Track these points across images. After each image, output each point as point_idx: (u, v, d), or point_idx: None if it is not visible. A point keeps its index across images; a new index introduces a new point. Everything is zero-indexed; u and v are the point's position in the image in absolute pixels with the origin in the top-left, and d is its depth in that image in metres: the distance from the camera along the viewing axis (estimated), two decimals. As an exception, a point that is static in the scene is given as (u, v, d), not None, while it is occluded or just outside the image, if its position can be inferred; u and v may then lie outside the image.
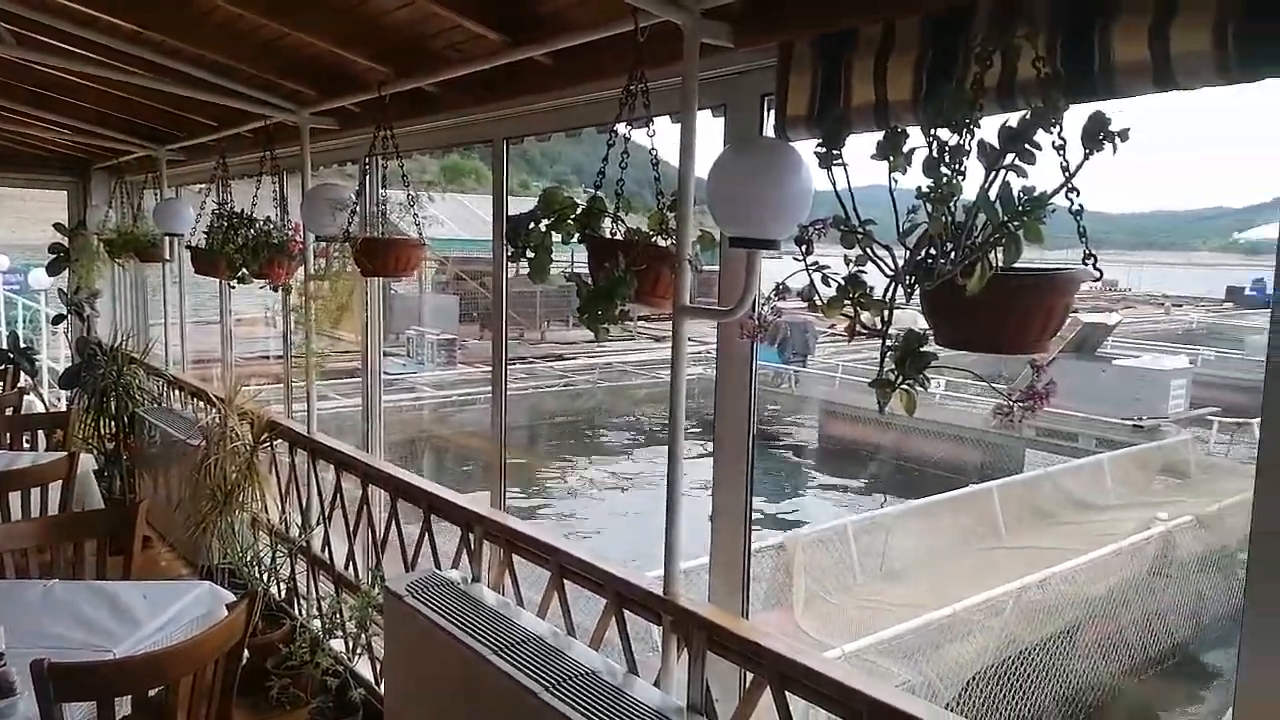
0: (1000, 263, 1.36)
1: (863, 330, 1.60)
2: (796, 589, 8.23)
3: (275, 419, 4.54)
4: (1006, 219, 1.34)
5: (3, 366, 7.10)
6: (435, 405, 17.58)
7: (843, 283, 1.58)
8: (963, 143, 1.45)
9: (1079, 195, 1.40)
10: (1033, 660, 7.94)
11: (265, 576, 4.35)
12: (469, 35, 2.85)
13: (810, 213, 1.90)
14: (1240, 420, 14.08)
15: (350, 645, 3.88)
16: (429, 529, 3.44)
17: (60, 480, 4.05)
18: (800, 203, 1.93)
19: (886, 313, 1.57)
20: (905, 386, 1.54)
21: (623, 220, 2.43)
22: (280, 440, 4.53)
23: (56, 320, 8.20)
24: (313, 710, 3.67)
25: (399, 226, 3.59)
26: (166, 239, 5.79)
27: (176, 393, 6.32)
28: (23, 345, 7.43)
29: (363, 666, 3.80)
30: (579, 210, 2.44)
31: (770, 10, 2.15)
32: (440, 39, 3.02)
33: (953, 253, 1.41)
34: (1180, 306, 35.50)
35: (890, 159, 1.54)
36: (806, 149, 1.94)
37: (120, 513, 3.63)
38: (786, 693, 2.11)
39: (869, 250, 1.54)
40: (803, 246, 1.72)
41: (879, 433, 16.49)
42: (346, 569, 4.02)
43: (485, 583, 3.12)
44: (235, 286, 4.65)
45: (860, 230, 1.53)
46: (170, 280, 6.63)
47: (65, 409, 6.67)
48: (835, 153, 1.66)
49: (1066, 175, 1.37)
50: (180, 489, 4.88)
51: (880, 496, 15.07)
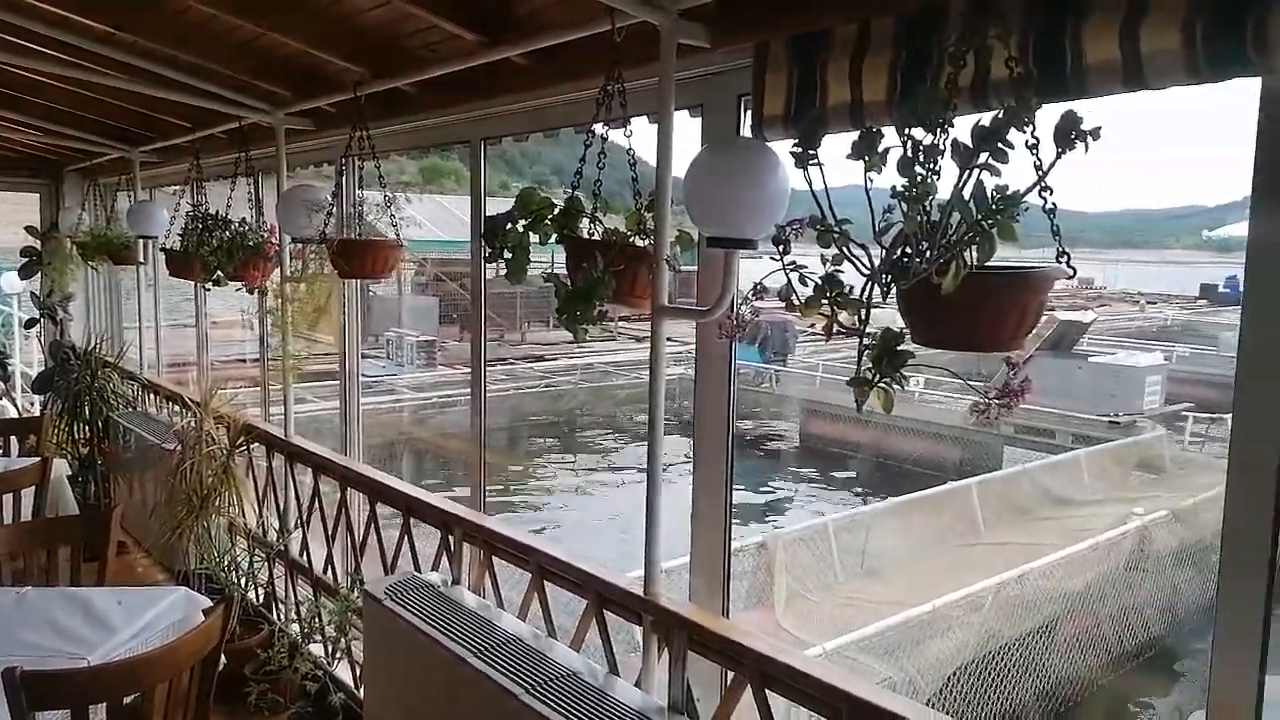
0: (974, 261, 1.37)
1: (841, 329, 1.61)
2: (778, 587, 8.26)
3: (252, 422, 4.51)
4: (980, 217, 1.35)
5: (-26, 371, 7.00)
6: (415, 407, 17.50)
7: (820, 282, 1.59)
8: (937, 142, 1.46)
9: (1052, 194, 1.41)
10: (1012, 655, 8.01)
11: (243, 581, 4.31)
12: (444, 35, 2.83)
13: (788, 213, 1.91)
14: (1214, 415, 14.27)
15: (329, 649, 3.85)
16: (408, 531, 3.42)
17: (33, 486, 4.01)
18: (777, 203, 1.93)
19: (863, 312, 1.58)
20: (883, 385, 1.54)
21: (601, 221, 2.43)
22: (257, 444, 4.49)
23: (29, 324, 8.08)
24: (292, 715, 3.65)
25: (376, 228, 3.56)
26: (140, 241, 5.73)
27: (151, 396, 6.25)
28: (-5, 350, 7.33)
29: (342, 671, 3.77)
30: (556, 211, 2.43)
31: (746, 11, 2.15)
32: (416, 39, 3.00)
33: (928, 251, 1.42)
34: (1155, 304, 35.91)
35: (865, 159, 1.55)
36: (783, 149, 1.95)
37: (94, 518, 3.60)
38: (767, 691, 2.11)
39: (845, 249, 1.54)
40: (780, 246, 1.72)
41: (859, 431, 16.57)
42: (325, 573, 3.99)
43: (465, 585, 3.11)
44: (210, 289, 4.60)
45: (836, 230, 1.53)
46: (145, 283, 6.56)
47: (38, 414, 6.57)
48: (811, 153, 1.66)
49: (1039, 174, 1.38)
50: (156, 494, 4.83)
51: (862, 493, 15.17)
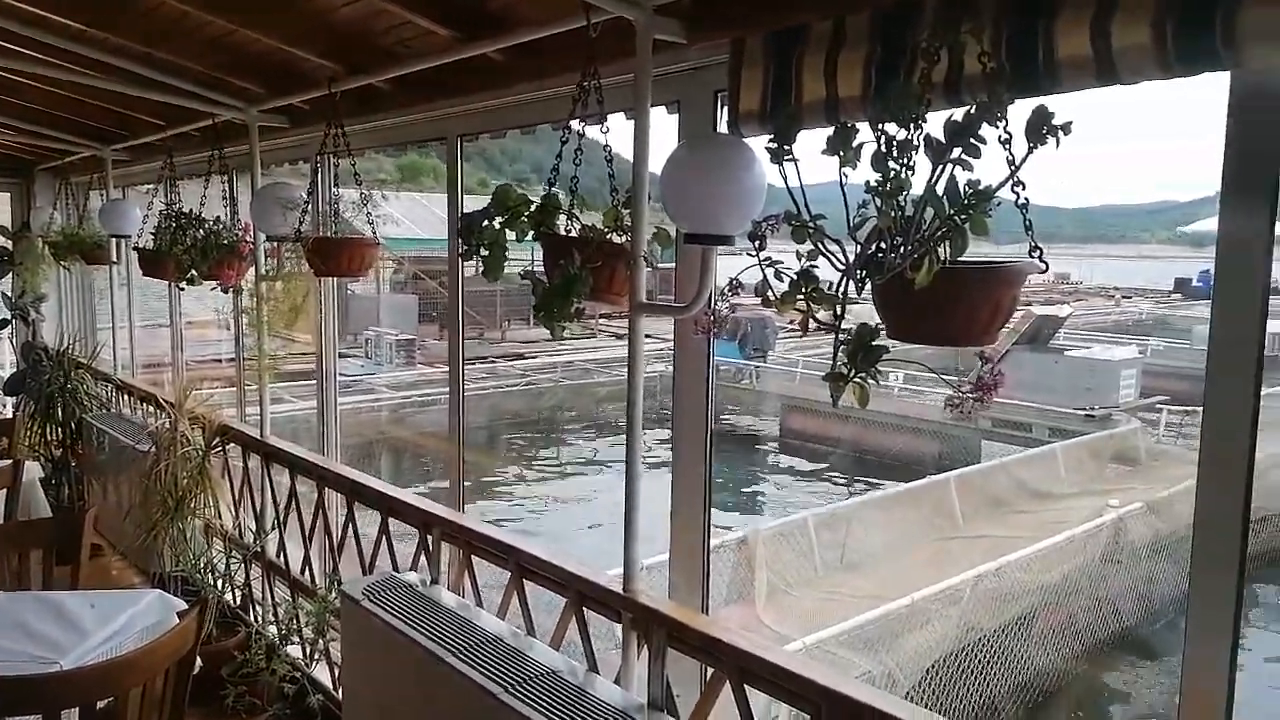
0: (948, 256, 1.37)
1: (818, 325, 1.61)
2: (758, 583, 8.29)
3: (228, 423, 4.46)
4: (952, 213, 1.35)
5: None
6: (394, 406, 17.42)
7: (795, 277, 1.59)
8: (911, 138, 1.47)
9: (1025, 189, 1.41)
10: (990, 647, 8.08)
11: (219, 583, 4.28)
12: (419, 31, 2.81)
13: (765, 209, 1.91)
14: (1189, 408, 14.44)
15: (307, 651, 3.82)
16: (386, 531, 3.40)
17: (5, 489, 3.95)
18: (754, 198, 1.93)
19: (839, 307, 1.58)
20: (858, 380, 1.55)
21: (578, 218, 2.42)
22: (233, 444, 4.45)
23: (0, 325, 7.98)
24: (269, 717, 3.62)
25: (353, 225, 3.54)
26: (113, 241, 5.66)
27: (126, 397, 6.17)
28: (-36, 351, 7.23)
29: (320, 672, 3.75)
30: (533, 208, 2.42)
31: (722, 6, 2.15)
32: (390, 35, 2.98)
33: (902, 247, 1.42)
34: (1130, 298, 36.31)
35: (840, 154, 1.55)
36: (760, 145, 1.94)
37: (67, 521, 3.56)
38: (746, 687, 2.12)
39: (820, 245, 1.54)
40: (756, 242, 1.72)
41: (839, 426, 16.66)
42: (302, 574, 3.96)
43: (444, 584, 3.09)
44: (185, 288, 4.55)
45: (811, 225, 1.53)
46: (118, 283, 6.48)
47: (10, 416, 6.48)
48: (786, 148, 1.67)
49: (1012, 169, 1.38)
50: (131, 496, 4.78)
51: (842, 481, 15.24)
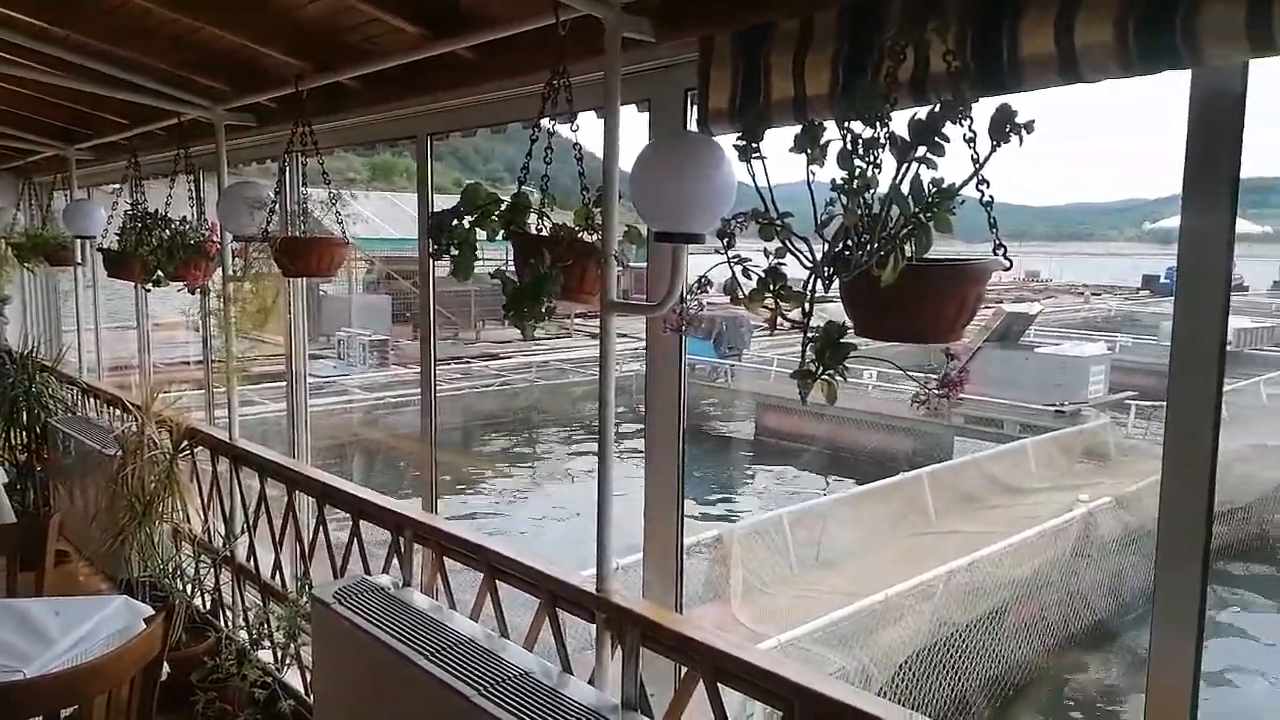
0: (913, 253, 1.38)
1: (787, 322, 1.61)
2: (734, 581, 8.32)
3: (195, 426, 4.41)
4: (917, 210, 1.36)
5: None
6: (368, 408, 17.29)
7: (763, 275, 1.59)
8: (877, 136, 1.47)
9: (989, 187, 1.42)
10: (963, 642, 8.16)
11: (188, 588, 4.22)
12: (386, 28, 2.79)
13: (737, 207, 1.91)
14: (1157, 404, 14.64)
15: (279, 655, 3.78)
16: (357, 534, 3.38)
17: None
18: (723, 196, 1.93)
19: (807, 304, 1.58)
20: (826, 377, 1.55)
21: (549, 216, 2.41)
22: (201, 447, 4.40)
23: (-37, 328, 7.84)
24: (241, 723, 3.57)
25: (322, 225, 3.50)
26: (78, 241, 5.58)
27: (92, 401, 6.09)
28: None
29: (292, 677, 3.71)
30: (503, 206, 2.41)
31: (691, 4, 2.15)
32: (357, 32, 2.96)
33: (869, 244, 1.43)
34: (1099, 295, 36.79)
35: (808, 152, 1.55)
36: (730, 143, 1.94)
37: (31, 527, 3.50)
38: (719, 685, 2.12)
39: (788, 242, 1.54)
40: (724, 240, 1.72)
41: (814, 424, 16.73)
42: (273, 578, 3.92)
43: (416, 586, 3.07)
44: (150, 290, 4.49)
45: (778, 223, 1.53)
46: (83, 284, 6.39)
47: (-27, 420, 6.36)
48: (754, 147, 1.66)
49: (976, 167, 1.39)
50: (97, 501, 4.70)
51: (818, 477, 15.32)
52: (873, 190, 1.46)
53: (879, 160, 1.47)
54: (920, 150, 1.39)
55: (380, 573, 3.20)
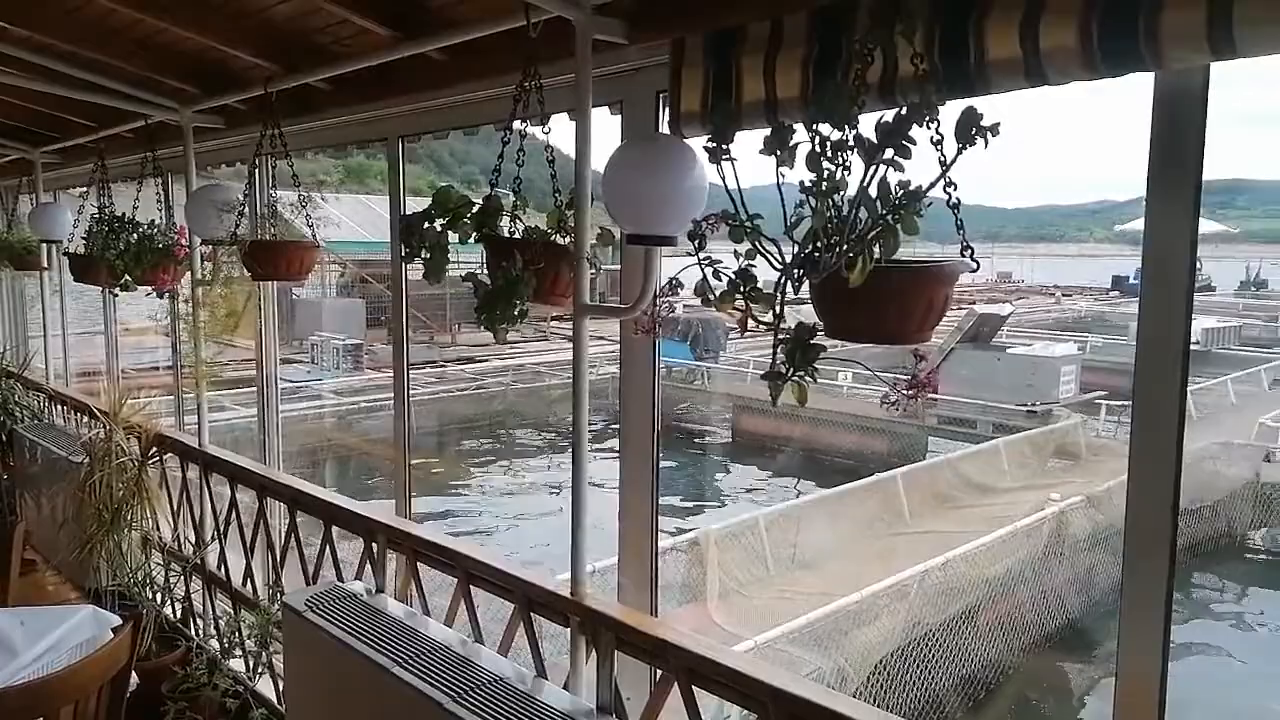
0: (880, 255, 1.38)
1: (764, 325, 1.61)
2: (710, 583, 8.33)
3: (165, 432, 4.35)
4: (884, 212, 1.36)
5: None
6: (342, 413, 17.15)
7: (733, 277, 1.60)
8: (845, 138, 1.48)
9: (956, 189, 1.43)
10: (937, 641, 8.21)
11: (158, 597, 4.17)
12: (356, 30, 2.77)
13: (708, 208, 1.91)
14: (1127, 403, 14.59)
15: (251, 664, 3.73)
16: (330, 540, 3.34)
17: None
18: (695, 198, 1.93)
19: (778, 306, 1.59)
20: (796, 378, 1.55)
21: (521, 219, 2.40)
22: (171, 454, 4.34)
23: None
24: (212, 734, 3.53)
25: (294, 227, 3.47)
26: (44, 246, 5.49)
27: (59, 408, 5.99)
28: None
29: (264, 685, 3.67)
30: (475, 209, 2.40)
31: (662, 7, 2.15)
32: (327, 34, 2.93)
33: (837, 246, 1.43)
34: (1070, 296, 37.25)
35: (777, 154, 1.56)
36: (701, 145, 1.94)
37: (-5, 536, 3.43)
38: (694, 687, 2.11)
39: (758, 244, 1.55)
40: (696, 241, 1.72)
41: (790, 425, 16.77)
42: (244, 586, 3.87)
43: (390, 593, 3.05)
44: (117, 294, 4.43)
45: (748, 225, 1.54)
46: (50, 289, 6.29)
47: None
48: (724, 148, 1.67)
49: (943, 168, 1.40)
50: (64, 509, 4.63)
51: (794, 482, 15.37)
52: (841, 192, 1.47)
53: (847, 162, 1.47)
54: (888, 152, 1.40)
55: (353, 579, 3.17)
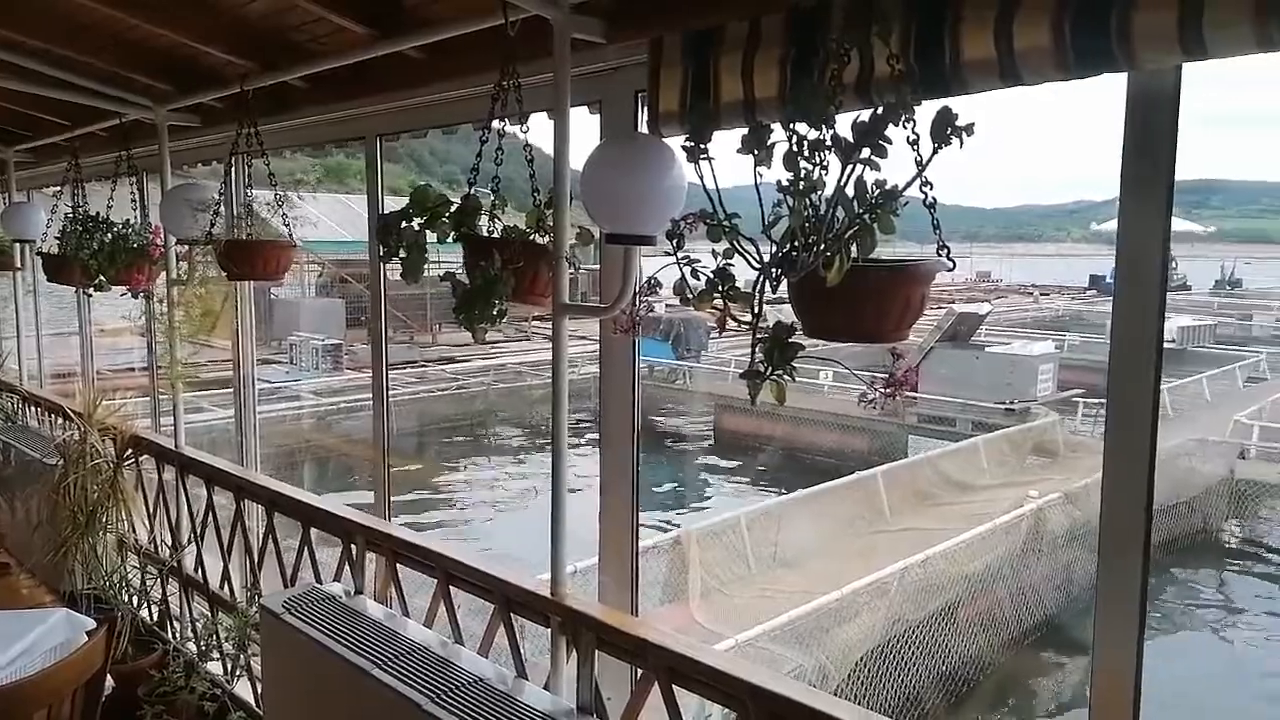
0: (857, 254, 1.39)
1: (743, 324, 1.61)
2: (692, 582, 8.33)
3: (140, 433, 4.30)
4: (861, 211, 1.37)
5: None
6: (321, 413, 17.03)
7: (712, 276, 1.60)
8: (822, 137, 1.48)
9: (932, 188, 1.44)
10: (917, 638, 8.26)
11: (134, 600, 4.12)
12: (332, 28, 2.75)
13: (687, 208, 1.91)
14: (1103, 400, 14.89)
15: (228, 667, 3.70)
16: (308, 542, 3.32)
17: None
18: (673, 198, 1.93)
19: (756, 305, 1.59)
20: (775, 377, 1.56)
21: (500, 218, 2.39)
22: (147, 456, 4.29)
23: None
24: (189, 738, 3.49)
25: (271, 226, 3.44)
26: (17, 245, 5.41)
27: (32, 409, 5.91)
28: None
29: (242, 688, 3.63)
30: (453, 208, 2.39)
31: (640, 5, 2.15)
32: (303, 32, 2.91)
33: (815, 245, 1.44)
34: (1048, 295, 37.57)
35: (755, 153, 1.56)
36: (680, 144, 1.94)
37: (-34, 540, 3.38)
38: (674, 686, 2.12)
39: (735, 243, 1.55)
40: (674, 241, 1.72)
41: (771, 424, 16.80)
42: (222, 588, 3.84)
43: (369, 594, 3.03)
44: (91, 294, 4.38)
45: (726, 224, 1.54)
46: (24, 289, 6.21)
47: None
48: (702, 148, 1.67)
49: (919, 168, 1.41)
50: (39, 511, 4.57)
51: (773, 484, 15.40)
52: (819, 192, 1.47)
53: (825, 162, 1.48)
54: (864, 152, 1.40)
55: (332, 581, 3.15)
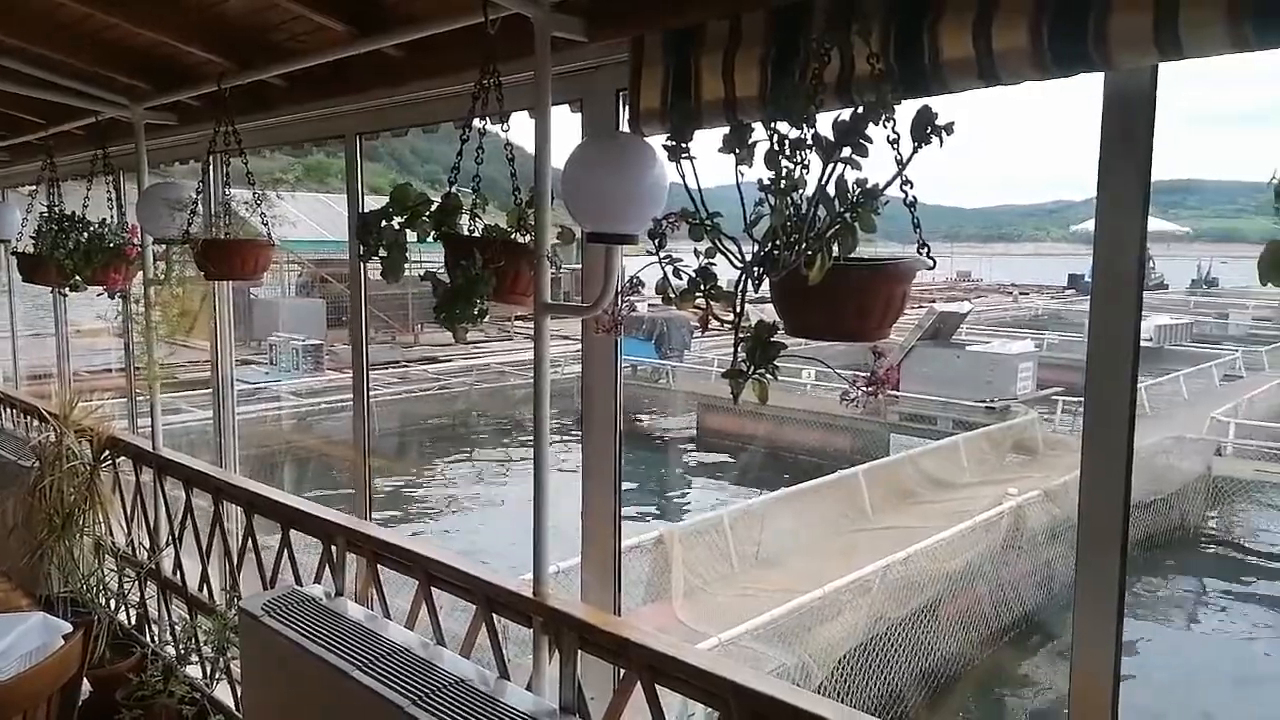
0: (838, 253, 1.39)
1: (726, 324, 1.61)
2: (675, 581, 8.34)
3: (118, 435, 4.26)
4: (842, 210, 1.37)
5: None
6: (302, 414, 16.92)
7: (693, 275, 1.60)
8: (803, 136, 1.48)
9: (913, 187, 1.45)
10: (899, 635, 8.30)
11: (112, 603, 4.08)
12: (312, 26, 2.73)
13: (669, 207, 1.91)
14: (1082, 399, 15.01)
15: (207, 670, 3.67)
16: (288, 543, 3.29)
17: None
18: (655, 196, 1.93)
19: (737, 304, 1.59)
20: (757, 376, 1.56)
21: (481, 217, 2.38)
22: (124, 458, 4.25)
23: None
24: (168, 742, 3.46)
25: (250, 226, 3.41)
26: (-10, 245, 5.35)
27: (7, 410, 5.84)
28: None
29: (222, 692, 3.60)
30: (433, 207, 2.37)
31: (621, 4, 2.14)
32: (282, 30, 2.89)
33: (796, 244, 1.44)
34: (1027, 294, 37.86)
35: (736, 152, 1.56)
36: (661, 143, 1.94)
37: (-61, 544, 3.33)
38: (656, 685, 2.11)
39: (717, 242, 1.55)
40: (655, 240, 1.72)
41: (754, 423, 16.84)
42: (200, 591, 3.81)
43: (350, 596, 3.01)
44: (67, 294, 4.33)
45: (708, 223, 1.54)
46: (-2, 289, 6.15)
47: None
48: (684, 147, 1.67)
49: (899, 167, 1.41)
50: (14, 514, 4.52)
51: (756, 483, 15.42)
52: (800, 191, 1.47)
53: (806, 161, 1.48)
54: (845, 151, 1.41)
55: (312, 583, 3.13)
